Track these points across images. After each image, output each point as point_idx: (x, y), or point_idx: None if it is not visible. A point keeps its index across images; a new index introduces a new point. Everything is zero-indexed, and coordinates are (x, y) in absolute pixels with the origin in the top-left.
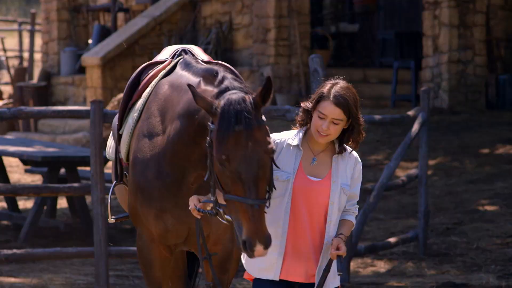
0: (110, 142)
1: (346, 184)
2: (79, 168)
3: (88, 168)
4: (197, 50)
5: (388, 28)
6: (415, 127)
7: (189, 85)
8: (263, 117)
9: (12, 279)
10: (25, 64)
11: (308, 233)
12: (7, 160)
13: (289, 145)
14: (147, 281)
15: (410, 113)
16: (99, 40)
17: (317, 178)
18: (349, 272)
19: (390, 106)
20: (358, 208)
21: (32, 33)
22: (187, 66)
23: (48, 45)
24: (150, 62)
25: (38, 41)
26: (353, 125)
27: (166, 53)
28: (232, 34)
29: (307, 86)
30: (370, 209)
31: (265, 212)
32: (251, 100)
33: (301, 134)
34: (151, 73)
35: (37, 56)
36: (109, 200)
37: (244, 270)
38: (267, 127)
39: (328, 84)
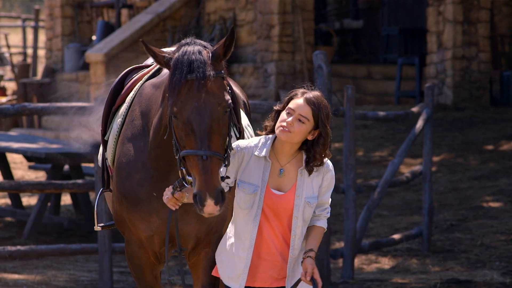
0: (101, 149)
1: (311, 197)
2: (83, 164)
3: (92, 165)
4: None
5: (392, 25)
6: (419, 123)
7: (142, 41)
8: (224, 70)
9: (16, 276)
10: (29, 60)
11: (274, 244)
12: (11, 157)
13: (256, 156)
14: (139, 285)
15: (414, 109)
16: (103, 36)
17: (280, 192)
18: (353, 269)
19: (394, 102)
20: (364, 204)
21: (36, 30)
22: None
23: (52, 41)
24: (134, 66)
25: (42, 37)
26: (320, 134)
27: None
28: (236, 30)
29: (311, 83)
30: (374, 205)
31: (224, 165)
32: (210, 52)
33: (269, 144)
34: (136, 76)
35: (41, 52)
36: (95, 207)
37: None
38: (226, 82)
39: (302, 89)
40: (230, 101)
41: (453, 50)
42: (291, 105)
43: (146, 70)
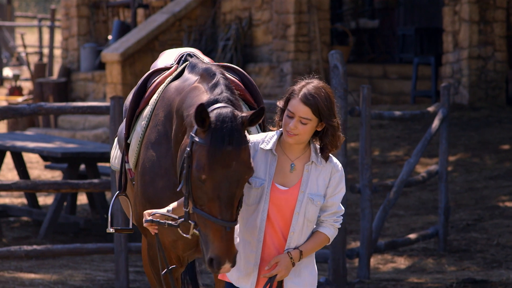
0: (115, 153)
1: (316, 194)
2: (99, 164)
3: (108, 164)
4: (199, 53)
5: (408, 24)
6: (435, 123)
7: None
8: (247, 135)
9: (32, 275)
10: (45, 60)
11: (274, 244)
12: (27, 156)
13: (262, 149)
14: None
15: (430, 109)
16: (118, 36)
17: (284, 187)
18: (369, 268)
19: (410, 102)
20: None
21: (52, 29)
22: (193, 68)
23: (68, 41)
24: (156, 68)
25: (58, 37)
26: (327, 128)
27: (167, 57)
28: (252, 30)
29: (327, 82)
30: (390, 205)
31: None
32: (241, 117)
33: (275, 138)
34: (158, 79)
35: (57, 52)
36: (109, 211)
37: None
38: (250, 146)
39: (301, 83)
40: (253, 167)
41: (469, 49)
42: (290, 107)
43: (168, 72)
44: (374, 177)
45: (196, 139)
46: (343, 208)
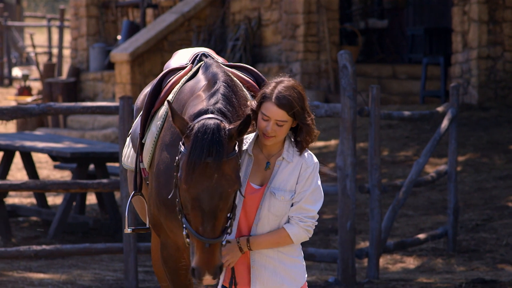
0: (127, 151)
1: (279, 189)
2: (108, 164)
3: (117, 164)
4: (213, 53)
5: (417, 24)
6: (445, 123)
7: (168, 101)
8: (236, 148)
9: (41, 275)
10: (54, 60)
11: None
12: (36, 156)
13: (245, 151)
14: None
15: (440, 109)
16: (128, 36)
17: (258, 186)
18: (378, 268)
19: (419, 102)
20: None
21: (61, 29)
22: (206, 69)
23: (77, 41)
24: (171, 68)
25: (67, 37)
26: (301, 126)
27: (181, 57)
28: (261, 30)
29: (336, 82)
30: (399, 205)
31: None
32: (226, 131)
33: (252, 138)
34: (173, 79)
35: (66, 52)
36: (126, 211)
37: None
38: (237, 159)
39: (272, 83)
40: (240, 180)
41: (478, 49)
42: (265, 110)
43: (183, 72)
44: (383, 177)
45: (182, 148)
46: (314, 209)
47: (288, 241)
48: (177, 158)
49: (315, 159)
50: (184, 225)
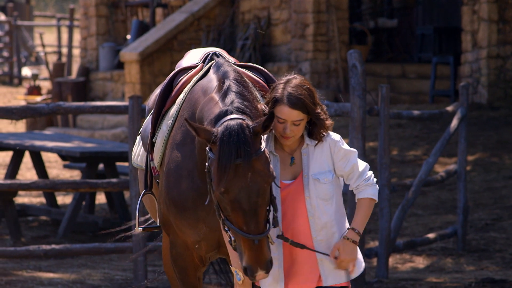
0: (137, 150)
1: (320, 173)
2: (118, 163)
3: (126, 164)
4: (224, 53)
5: (427, 23)
6: (454, 122)
7: (186, 119)
8: (262, 143)
9: (51, 275)
10: (64, 59)
11: (300, 237)
12: (45, 156)
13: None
14: (183, 287)
15: (449, 108)
16: (137, 35)
17: (290, 180)
18: (388, 268)
19: (429, 101)
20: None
21: (70, 29)
22: (217, 69)
23: (86, 40)
24: (181, 67)
25: (77, 36)
26: (314, 120)
27: (192, 57)
28: (270, 29)
29: (345, 82)
30: (409, 204)
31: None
32: (250, 129)
33: (271, 138)
34: (184, 78)
35: (76, 51)
36: (137, 209)
37: None
38: (267, 154)
39: (279, 86)
40: (274, 173)
41: (488, 49)
42: (279, 114)
43: (194, 71)
44: (392, 176)
45: (210, 154)
46: (365, 163)
47: (374, 204)
48: (206, 164)
49: (334, 134)
50: (226, 228)
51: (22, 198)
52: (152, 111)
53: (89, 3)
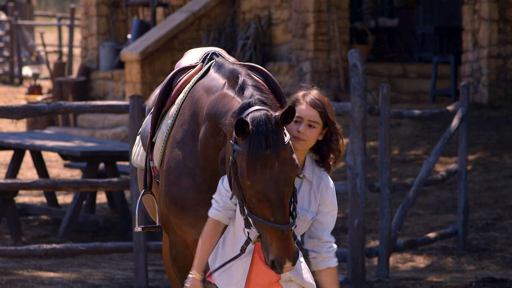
0: (137, 150)
1: (304, 209)
2: (118, 163)
3: (127, 163)
4: (224, 53)
5: (427, 23)
6: (455, 122)
7: (234, 119)
8: (287, 134)
9: (51, 274)
10: (64, 59)
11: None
12: (46, 155)
13: None
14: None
15: (450, 108)
16: (138, 35)
17: None
18: (388, 267)
19: (430, 101)
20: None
21: (71, 28)
22: (219, 68)
23: (87, 40)
24: (181, 67)
25: (77, 36)
26: (331, 132)
27: (192, 56)
28: (271, 29)
29: (346, 81)
30: (409, 204)
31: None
32: (276, 119)
33: None
34: (184, 78)
35: (76, 51)
36: (136, 209)
37: None
38: (291, 144)
39: (301, 91)
40: (298, 163)
41: (488, 48)
42: (298, 113)
43: (193, 71)
44: (393, 176)
45: (236, 147)
46: (333, 238)
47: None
48: (231, 158)
49: (332, 181)
50: (250, 224)
51: (23, 198)
52: (152, 110)
53: (90, 3)
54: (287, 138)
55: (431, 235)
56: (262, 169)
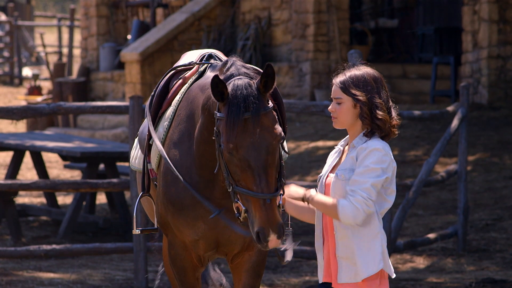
0: (135, 153)
1: (342, 169)
2: (118, 163)
3: (127, 164)
4: (220, 54)
5: (427, 24)
6: (455, 122)
7: (214, 76)
8: (269, 103)
9: (51, 275)
10: (64, 59)
11: (328, 234)
12: (46, 156)
13: (338, 148)
14: (182, 287)
15: (450, 108)
16: (138, 35)
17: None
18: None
19: (430, 101)
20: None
21: (71, 29)
22: (215, 68)
23: (87, 40)
24: (176, 69)
25: (77, 36)
26: (359, 105)
27: (188, 58)
28: (271, 29)
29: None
30: (409, 205)
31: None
32: (256, 84)
33: (347, 137)
34: (180, 80)
35: (76, 51)
36: (134, 211)
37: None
38: (274, 113)
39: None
40: (282, 133)
41: (488, 49)
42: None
43: (190, 72)
44: None
45: (218, 115)
46: (366, 181)
47: (333, 211)
48: (215, 129)
49: (379, 145)
50: (236, 198)
51: (23, 198)
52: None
53: (90, 3)
54: (270, 105)
55: (431, 235)
56: (242, 134)
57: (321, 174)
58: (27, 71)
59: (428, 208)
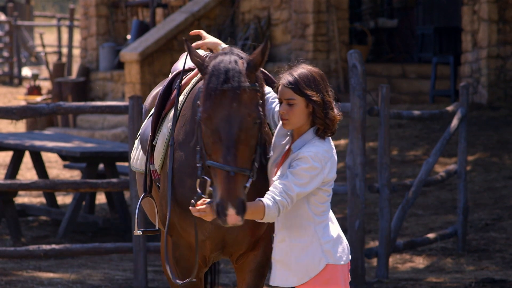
0: (136, 154)
1: (282, 173)
2: (118, 163)
3: (126, 164)
4: None
5: (427, 23)
6: (454, 122)
7: (185, 40)
8: (257, 82)
9: (51, 275)
10: (64, 59)
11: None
12: (45, 156)
13: (287, 134)
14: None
15: (449, 108)
16: (137, 35)
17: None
18: (388, 268)
19: (429, 101)
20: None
21: (70, 29)
22: None
23: (86, 40)
24: (181, 70)
25: (77, 36)
26: (311, 104)
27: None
28: (271, 29)
29: (345, 82)
30: (409, 204)
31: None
32: (246, 63)
33: (290, 134)
34: (183, 80)
35: (76, 51)
36: (136, 212)
37: None
38: (259, 94)
39: (285, 72)
40: (261, 113)
41: (488, 49)
42: (278, 95)
43: (192, 73)
44: (392, 176)
45: (200, 87)
46: (292, 194)
47: (260, 211)
48: (197, 101)
49: (314, 150)
50: (203, 173)
51: (22, 198)
52: (151, 113)
53: (89, 3)
54: (258, 85)
55: (431, 235)
56: (219, 106)
57: (271, 160)
58: (26, 71)
59: (427, 208)
